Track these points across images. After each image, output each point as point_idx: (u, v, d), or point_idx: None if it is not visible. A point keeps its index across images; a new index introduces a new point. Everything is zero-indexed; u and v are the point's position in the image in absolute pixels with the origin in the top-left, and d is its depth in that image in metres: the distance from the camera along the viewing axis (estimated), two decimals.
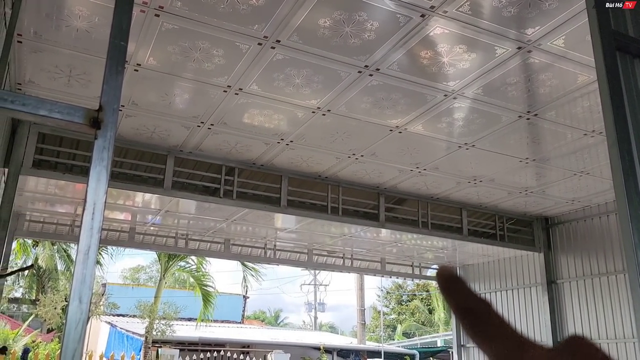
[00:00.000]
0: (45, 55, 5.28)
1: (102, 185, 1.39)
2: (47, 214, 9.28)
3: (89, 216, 1.32)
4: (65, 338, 1.26)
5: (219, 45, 5.04)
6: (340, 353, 21.72)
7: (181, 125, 6.80)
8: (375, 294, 46.39)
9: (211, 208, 8.45)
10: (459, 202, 9.67)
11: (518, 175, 8.29)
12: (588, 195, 9.18)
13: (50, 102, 1.42)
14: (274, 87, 5.80)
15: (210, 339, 19.05)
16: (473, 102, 6.05)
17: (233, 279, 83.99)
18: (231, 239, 10.72)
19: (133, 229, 10.04)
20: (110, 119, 1.42)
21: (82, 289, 1.26)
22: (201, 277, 18.69)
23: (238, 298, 29.07)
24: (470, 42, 4.94)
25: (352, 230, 9.67)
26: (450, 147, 7.29)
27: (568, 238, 10.32)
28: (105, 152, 1.40)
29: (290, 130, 6.85)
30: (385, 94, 5.89)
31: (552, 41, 4.90)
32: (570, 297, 10.09)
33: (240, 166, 8.02)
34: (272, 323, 44.88)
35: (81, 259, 1.29)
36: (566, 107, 6.16)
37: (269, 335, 23.01)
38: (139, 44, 5.06)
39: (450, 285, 0.43)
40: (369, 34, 4.83)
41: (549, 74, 5.46)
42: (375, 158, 7.70)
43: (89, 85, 5.76)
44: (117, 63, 1.48)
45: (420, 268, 12.93)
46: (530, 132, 6.84)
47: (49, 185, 7.76)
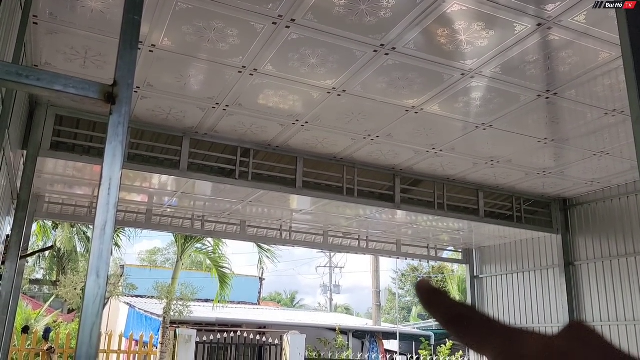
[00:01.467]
0: (60, 36, 5.29)
1: (118, 160, 1.38)
2: (65, 195, 9.39)
3: (105, 191, 1.32)
4: (84, 313, 1.27)
5: (233, 25, 5.01)
6: (355, 334, 21.86)
7: (196, 106, 6.80)
8: (390, 277, 46.51)
9: (227, 190, 8.48)
10: (476, 183, 9.59)
11: (536, 155, 8.17)
12: (608, 176, 9.03)
13: (65, 77, 1.41)
14: (289, 68, 5.75)
15: (227, 319, 19.27)
16: (491, 81, 5.95)
17: (249, 261, 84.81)
18: (247, 220, 10.77)
19: (150, 210, 10.13)
20: (125, 94, 1.41)
21: (99, 264, 1.26)
22: (217, 259, 18.85)
23: (254, 280, 29.32)
24: (488, 19, 4.84)
25: (368, 212, 9.65)
26: (467, 127, 7.20)
27: (587, 219, 10.19)
28: (121, 127, 1.39)
29: (305, 111, 6.81)
30: (401, 73, 5.82)
31: (573, 17, 4.78)
32: (588, 279, 10.00)
33: (256, 148, 8.01)
34: (288, 305, 45.31)
35: (98, 234, 1.29)
36: (587, 86, 6.03)
37: (285, 317, 23.22)
38: (153, 25, 5.04)
39: (431, 298, 0.43)
40: (385, 11, 4.75)
41: (569, 51, 5.34)
42: (391, 139, 7.64)
43: (104, 67, 5.77)
44: (131, 38, 1.46)
45: (436, 250, 12.90)
46: (549, 112, 6.72)
47: (67, 167, 7.84)
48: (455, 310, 0.42)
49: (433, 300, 0.43)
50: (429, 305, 0.43)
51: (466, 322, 0.41)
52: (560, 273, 10.36)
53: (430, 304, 0.43)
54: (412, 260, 27.76)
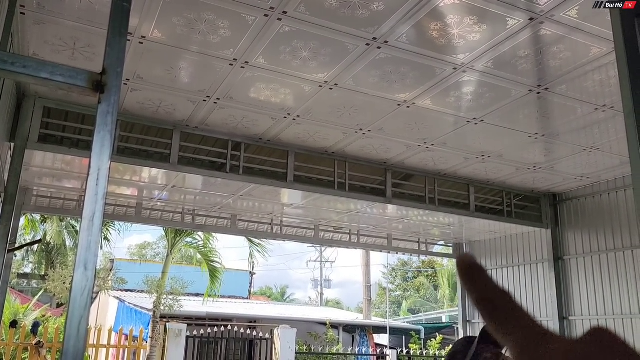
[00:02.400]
0: (48, 27, 5.22)
1: (106, 150, 1.35)
2: (54, 189, 9.30)
3: (93, 182, 1.29)
4: (71, 305, 1.24)
5: (224, 16, 4.96)
6: (346, 328, 21.91)
7: (187, 99, 6.75)
8: (380, 271, 46.66)
9: (217, 183, 8.43)
10: (467, 178, 9.61)
11: (527, 150, 8.20)
12: (597, 171, 9.09)
13: (52, 65, 1.38)
14: (281, 61, 5.71)
15: (218, 314, 19.25)
16: (482, 75, 5.95)
17: (240, 255, 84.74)
18: (238, 214, 10.73)
19: (140, 204, 10.06)
20: (114, 82, 1.38)
21: (87, 256, 1.23)
22: (208, 253, 18.78)
23: (245, 274, 29.28)
24: (481, 13, 4.83)
25: (359, 206, 9.65)
26: (458, 122, 7.20)
27: (576, 214, 10.26)
28: (109, 116, 1.36)
29: (297, 104, 6.78)
30: (394, 67, 5.80)
31: (565, 12, 4.78)
32: (577, 274, 10.07)
33: (247, 141, 7.97)
34: (279, 299, 45.33)
35: (86, 225, 1.26)
36: (577, 81, 6.04)
37: (275, 311, 23.22)
38: (143, 16, 4.98)
39: (471, 274, 0.43)
40: (377, 4, 4.73)
41: (561, 46, 5.35)
42: (382, 133, 7.63)
43: (93, 58, 5.69)
44: (120, 25, 1.43)
45: (427, 244, 12.93)
46: (540, 107, 6.74)
47: (56, 160, 7.76)
48: (490, 293, 0.42)
49: (471, 275, 0.42)
50: (468, 281, 0.42)
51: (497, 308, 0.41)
52: (549, 268, 10.43)
53: (468, 279, 0.42)
54: (403, 254, 27.84)
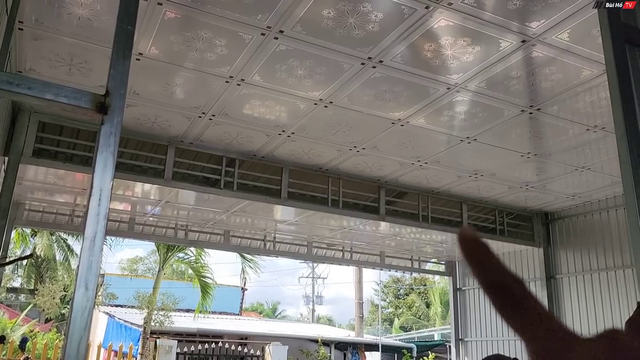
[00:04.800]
0: (46, 42, 5.25)
1: (109, 171, 1.37)
2: (46, 203, 9.25)
3: (95, 202, 1.30)
4: (71, 326, 1.24)
5: (221, 35, 5.01)
6: (337, 346, 21.77)
7: (182, 115, 6.77)
8: (372, 288, 46.53)
9: (211, 199, 8.43)
10: (460, 196, 9.66)
11: (519, 170, 8.27)
12: (589, 190, 9.17)
13: (56, 87, 1.40)
14: (276, 78, 5.76)
15: (209, 330, 19.09)
16: (475, 95, 6.02)
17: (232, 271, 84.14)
18: (231, 230, 10.70)
19: (133, 219, 10.02)
20: (117, 104, 1.40)
21: (88, 276, 1.24)
22: (200, 269, 18.69)
23: (236, 290, 29.12)
24: (474, 34, 4.91)
25: (352, 223, 9.66)
26: (451, 140, 7.26)
27: (568, 233, 10.32)
28: (112, 137, 1.38)
29: (291, 122, 6.82)
30: (388, 86, 5.86)
31: (557, 35, 4.87)
32: (569, 293, 10.11)
33: (241, 157, 7.99)
34: (270, 315, 45.00)
35: (87, 245, 1.27)
36: (569, 102, 6.13)
37: (266, 327, 23.06)
38: (140, 33, 5.02)
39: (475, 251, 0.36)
40: (372, 25, 4.80)
41: (552, 68, 5.44)
42: (376, 151, 7.68)
43: (90, 74, 5.72)
44: (124, 47, 1.45)
45: (420, 262, 12.94)
46: (532, 127, 6.82)
47: (49, 175, 7.73)
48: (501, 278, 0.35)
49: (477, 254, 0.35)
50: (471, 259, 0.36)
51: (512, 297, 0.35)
52: (542, 286, 10.45)
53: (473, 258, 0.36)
54: (396, 271, 27.79)
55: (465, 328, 12.22)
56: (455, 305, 12.53)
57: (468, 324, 12.17)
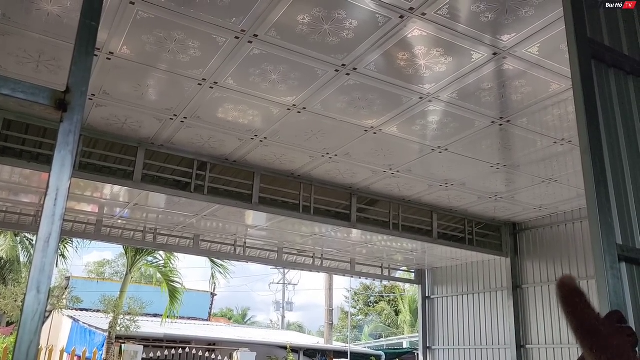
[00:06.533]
0: (13, 38, 5.11)
1: (67, 170, 1.32)
2: (10, 203, 9.00)
3: (51, 202, 1.26)
4: (22, 329, 1.19)
5: (195, 37, 4.96)
6: (307, 353, 21.68)
7: (153, 117, 6.67)
8: (343, 295, 46.54)
9: (181, 203, 8.32)
10: (430, 205, 9.74)
11: (489, 180, 8.39)
12: (555, 202, 9.35)
13: (13, 81, 1.35)
14: (250, 83, 5.73)
15: (176, 335, 18.80)
16: (448, 105, 6.09)
17: (201, 276, 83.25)
18: (201, 234, 10.58)
19: (100, 221, 9.82)
20: (77, 101, 1.35)
21: (40, 278, 1.20)
22: (168, 273, 18.42)
23: (205, 295, 28.78)
24: (447, 45, 4.97)
25: (323, 230, 9.65)
26: (423, 149, 7.33)
27: (534, 244, 10.50)
28: (71, 136, 1.34)
29: (264, 126, 6.79)
30: (362, 94, 5.88)
31: (527, 49, 4.96)
32: (534, 302, 10.27)
33: (213, 161, 7.92)
34: (240, 321, 44.60)
35: (41, 247, 1.23)
36: (537, 115, 6.25)
37: (235, 334, 22.83)
38: (112, 32, 4.93)
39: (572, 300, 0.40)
40: (347, 32, 4.81)
41: (522, 81, 5.54)
42: (349, 158, 7.69)
43: (58, 72, 5.60)
44: (87, 44, 1.41)
45: (390, 269, 13.00)
46: (502, 138, 6.93)
47: (13, 174, 7.53)
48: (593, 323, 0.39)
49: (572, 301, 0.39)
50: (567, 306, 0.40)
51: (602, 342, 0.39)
52: (508, 296, 10.60)
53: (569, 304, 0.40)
54: (366, 279, 27.86)
55: (433, 336, 12.30)
56: (424, 314, 12.61)
57: (436, 332, 12.26)
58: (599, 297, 2.02)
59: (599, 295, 2.04)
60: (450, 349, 11.83)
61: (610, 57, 2.57)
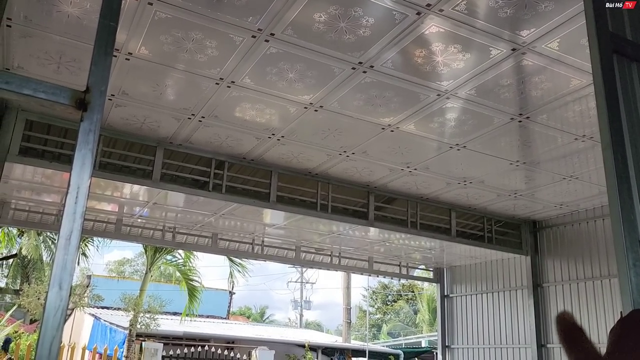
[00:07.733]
0: (35, 40, 5.19)
1: (87, 169, 1.34)
2: (33, 202, 9.15)
3: (72, 200, 1.28)
4: (44, 326, 1.22)
5: (212, 36, 4.99)
6: (324, 351, 21.71)
7: (171, 116, 6.73)
8: (361, 294, 46.48)
9: (200, 201, 8.38)
10: (448, 202, 9.68)
11: (508, 177, 8.30)
12: (576, 200, 9.22)
13: (35, 82, 1.37)
14: (267, 81, 5.74)
15: (195, 333, 18.96)
16: (466, 102, 6.04)
17: (220, 275, 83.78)
18: (219, 233, 10.65)
19: (120, 220, 9.94)
20: (97, 101, 1.37)
21: (62, 275, 1.22)
22: (187, 272, 18.58)
23: (224, 293, 28.98)
24: (465, 42, 4.92)
25: (341, 228, 9.64)
26: (441, 147, 7.28)
27: (555, 242, 10.36)
28: (91, 135, 1.36)
29: (281, 125, 6.80)
30: (379, 91, 5.86)
31: (546, 44, 4.90)
32: (555, 301, 10.14)
33: (230, 160, 7.96)
34: (258, 320, 44.82)
35: (62, 244, 1.25)
36: (558, 111, 6.16)
37: (253, 332, 22.95)
38: (130, 33, 4.98)
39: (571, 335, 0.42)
40: (364, 30, 4.80)
41: (542, 76, 5.46)
42: (366, 156, 7.68)
43: (79, 73, 5.67)
44: (106, 44, 1.43)
45: (408, 268, 12.94)
46: (521, 135, 6.85)
47: (36, 174, 7.65)
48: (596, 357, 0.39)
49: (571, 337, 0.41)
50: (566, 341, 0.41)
51: None
52: (528, 294, 10.49)
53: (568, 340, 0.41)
54: (384, 277, 27.78)
55: (452, 335, 12.22)
56: (442, 312, 12.54)
57: (455, 331, 12.18)
58: (622, 296, 1.99)
59: (621, 293, 2.00)
60: (470, 348, 11.75)
61: (632, 51, 2.52)
